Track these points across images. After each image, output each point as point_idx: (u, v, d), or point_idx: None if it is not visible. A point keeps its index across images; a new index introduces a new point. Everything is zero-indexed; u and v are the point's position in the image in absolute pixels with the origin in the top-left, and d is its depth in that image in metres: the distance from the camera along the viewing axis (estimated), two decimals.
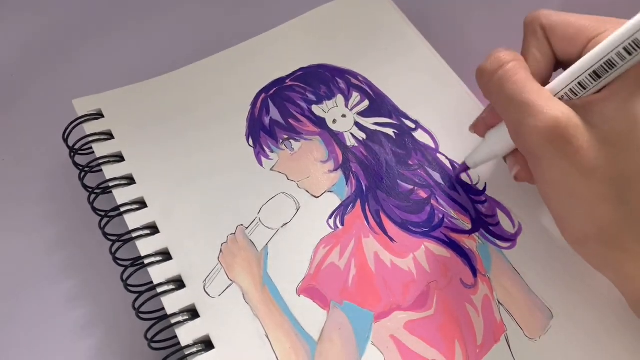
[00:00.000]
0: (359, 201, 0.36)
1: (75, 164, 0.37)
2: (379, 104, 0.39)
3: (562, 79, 0.28)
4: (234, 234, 0.34)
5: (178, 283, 0.33)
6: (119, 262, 0.34)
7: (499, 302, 0.32)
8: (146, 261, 0.33)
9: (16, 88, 0.44)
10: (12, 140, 0.42)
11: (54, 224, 0.39)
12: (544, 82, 0.29)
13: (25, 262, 0.37)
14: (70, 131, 0.38)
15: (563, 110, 0.26)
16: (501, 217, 0.35)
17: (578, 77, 0.27)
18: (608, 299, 0.32)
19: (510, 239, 0.34)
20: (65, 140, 0.38)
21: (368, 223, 0.35)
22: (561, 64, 0.30)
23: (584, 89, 0.27)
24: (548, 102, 0.26)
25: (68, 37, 0.47)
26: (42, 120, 0.43)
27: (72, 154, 0.37)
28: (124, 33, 0.47)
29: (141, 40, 0.46)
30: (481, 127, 0.33)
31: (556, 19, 0.29)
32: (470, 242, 0.34)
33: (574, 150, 0.26)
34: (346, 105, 0.39)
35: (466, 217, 0.35)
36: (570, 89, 0.27)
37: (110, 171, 0.36)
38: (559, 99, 0.27)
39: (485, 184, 0.36)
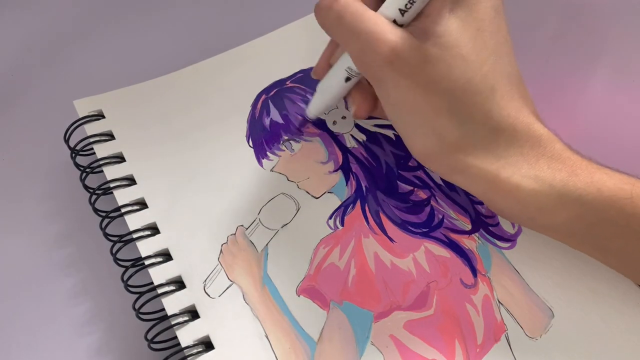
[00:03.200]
0: (358, 202, 0.36)
1: (77, 165, 0.37)
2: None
3: (388, 2, 0.29)
4: (234, 234, 0.35)
5: (178, 284, 0.33)
6: (119, 262, 0.34)
7: (499, 302, 0.32)
8: (147, 262, 0.33)
9: (17, 88, 0.44)
10: (12, 139, 0.42)
11: (54, 223, 0.39)
12: (376, 9, 0.30)
13: (26, 261, 0.37)
14: (72, 132, 0.38)
15: (399, 34, 0.28)
16: (501, 217, 0.35)
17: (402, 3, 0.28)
18: (609, 298, 0.32)
19: (510, 239, 0.34)
20: (67, 141, 0.38)
21: (368, 223, 0.35)
22: None
23: (411, 4, 0.28)
24: (385, 27, 0.28)
25: (68, 37, 0.47)
26: (43, 120, 0.43)
27: (73, 154, 0.37)
28: (125, 33, 0.47)
29: (142, 41, 0.46)
30: (322, 70, 0.35)
31: None
32: (470, 243, 0.34)
33: (411, 69, 0.28)
34: (346, 107, 0.39)
35: (466, 217, 0.35)
36: (399, 9, 0.28)
37: (111, 172, 0.37)
38: (394, 22, 0.29)
39: None
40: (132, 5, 0.48)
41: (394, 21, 0.29)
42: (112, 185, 0.36)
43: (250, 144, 0.38)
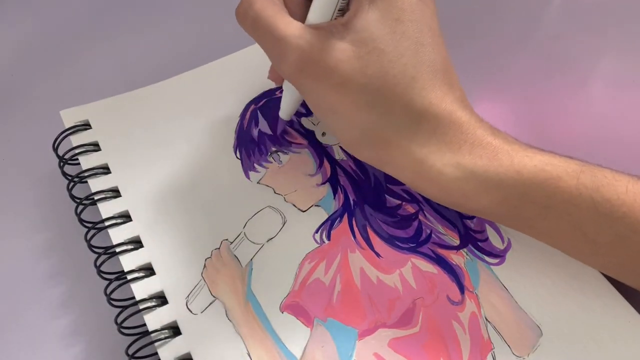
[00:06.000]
0: (346, 215, 0.35)
1: (64, 174, 0.37)
2: None
3: (310, 9, 0.29)
4: (219, 249, 0.34)
5: (161, 299, 0.33)
6: (103, 275, 0.34)
7: (486, 320, 0.32)
8: (129, 276, 0.33)
9: (9, 94, 0.44)
10: (4, 143, 0.42)
11: (42, 231, 0.38)
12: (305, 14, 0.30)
13: (11, 270, 0.37)
14: (60, 142, 0.38)
15: (309, 38, 0.28)
16: (490, 232, 0.34)
17: (317, 2, 0.28)
18: (599, 314, 0.31)
19: (499, 254, 0.34)
20: (55, 151, 0.38)
21: (355, 238, 0.34)
22: None
23: (326, 10, 0.28)
24: (294, 32, 0.28)
25: (60, 45, 0.47)
26: (34, 126, 0.43)
27: (62, 164, 0.37)
28: (115, 42, 0.47)
29: (131, 50, 0.46)
30: (273, 74, 0.36)
31: None
32: (458, 258, 0.34)
33: (322, 72, 0.28)
34: None
35: (454, 232, 0.34)
36: (317, 15, 0.29)
37: (96, 183, 0.36)
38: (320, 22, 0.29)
39: None
40: (121, 15, 0.48)
41: (315, 24, 0.29)
42: (96, 197, 0.36)
43: (238, 155, 0.38)
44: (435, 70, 0.29)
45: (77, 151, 0.37)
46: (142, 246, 0.34)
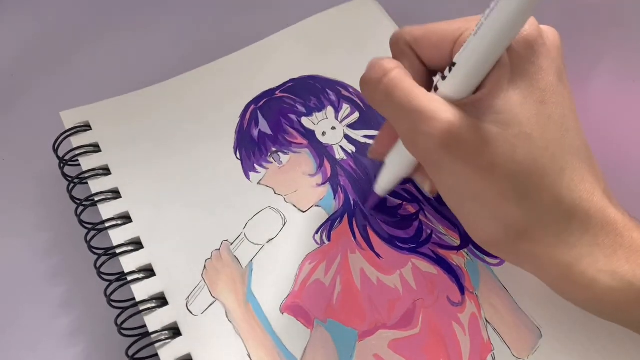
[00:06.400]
0: (346, 216, 0.35)
1: (64, 176, 0.37)
2: (369, 116, 0.39)
3: (443, 83, 0.26)
4: (219, 250, 0.34)
5: (161, 300, 0.33)
6: (103, 276, 0.34)
7: (486, 321, 0.32)
8: (129, 277, 0.33)
9: (9, 94, 0.44)
10: (4, 143, 0.42)
11: (43, 231, 0.38)
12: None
13: (13, 269, 0.37)
14: (60, 143, 0.38)
15: (455, 113, 0.25)
16: None
17: (458, 77, 0.26)
18: (598, 318, 0.31)
19: None
20: (56, 152, 0.38)
21: (355, 239, 0.34)
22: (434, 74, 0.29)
23: (467, 87, 0.26)
24: (438, 106, 0.25)
25: (60, 45, 0.47)
26: (34, 126, 0.42)
27: (62, 165, 0.37)
28: (114, 43, 0.46)
29: (131, 51, 0.46)
30: (379, 149, 0.32)
31: (418, 31, 0.28)
32: (459, 259, 0.34)
33: (470, 152, 0.25)
34: (336, 118, 0.39)
35: (455, 232, 0.34)
36: (454, 90, 0.26)
37: (96, 185, 0.36)
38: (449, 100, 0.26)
39: None
40: (121, 16, 0.48)
41: (449, 99, 0.26)
42: (97, 198, 0.36)
43: (238, 155, 0.38)
44: (581, 160, 0.26)
45: (77, 152, 0.37)
46: (142, 247, 0.34)
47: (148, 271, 0.34)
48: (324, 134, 0.38)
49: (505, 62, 0.25)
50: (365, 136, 0.38)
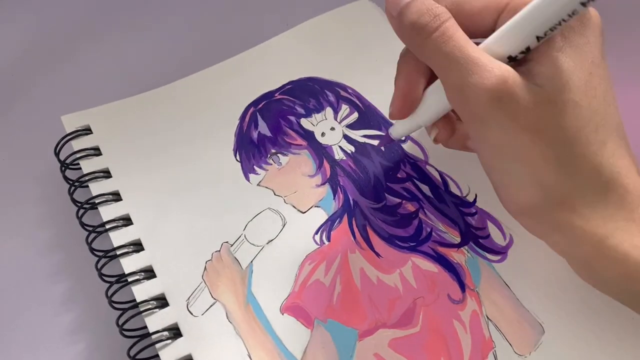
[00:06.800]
0: (345, 216, 0.35)
1: (66, 179, 0.37)
2: (368, 116, 0.39)
3: (493, 39, 0.26)
4: (219, 251, 0.34)
5: (161, 301, 0.33)
6: (104, 278, 0.34)
7: (487, 318, 0.32)
8: (130, 279, 0.33)
9: (9, 95, 0.45)
10: (6, 143, 0.43)
11: (44, 231, 0.39)
12: None
13: (14, 269, 0.37)
14: (61, 147, 0.38)
15: (509, 69, 0.25)
16: (492, 229, 0.34)
17: (517, 42, 0.26)
18: (602, 314, 0.31)
19: (501, 251, 0.34)
20: (57, 155, 0.38)
21: (354, 238, 0.34)
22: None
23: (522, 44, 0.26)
24: (492, 59, 0.25)
25: (60, 47, 0.47)
26: (35, 128, 0.43)
27: (63, 168, 0.37)
28: (115, 47, 0.47)
29: (131, 55, 0.46)
30: (399, 106, 0.31)
31: None
32: (459, 256, 0.33)
33: (521, 110, 0.25)
34: (335, 118, 0.39)
35: (455, 230, 0.34)
36: (508, 46, 0.26)
37: (97, 188, 0.36)
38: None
39: (476, 195, 0.35)
40: (122, 19, 0.48)
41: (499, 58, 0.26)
42: (97, 201, 0.36)
43: (238, 157, 0.38)
44: (621, 137, 0.26)
45: (78, 155, 0.38)
46: (142, 249, 0.34)
47: (149, 272, 0.34)
48: (323, 134, 0.38)
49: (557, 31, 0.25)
50: (365, 136, 0.38)
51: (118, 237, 0.35)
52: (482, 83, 0.24)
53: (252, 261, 0.34)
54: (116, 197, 0.36)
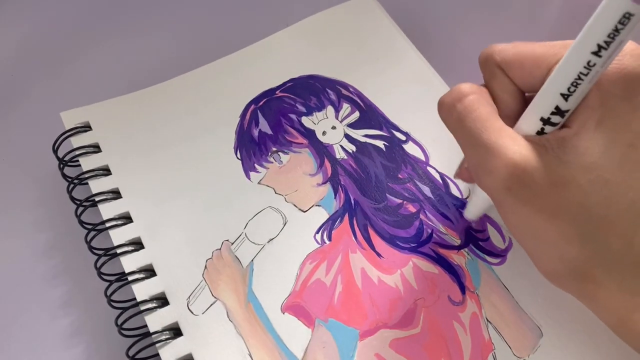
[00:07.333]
0: (347, 215, 0.35)
1: (64, 176, 0.37)
2: (369, 115, 0.39)
3: (528, 116, 0.25)
4: (220, 249, 0.34)
5: (162, 300, 0.33)
6: (103, 277, 0.33)
7: (487, 320, 0.32)
8: (130, 278, 0.33)
9: (9, 94, 0.44)
10: (5, 144, 0.42)
11: (43, 231, 0.38)
12: (518, 118, 0.27)
13: (13, 269, 0.37)
14: (60, 143, 0.38)
15: (522, 152, 0.24)
16: (491, 232, 0.34)
17: (545, 102, 0.25)
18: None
19: (501, 254, 0.34)
20: (55, 152, 0.37)
21: (355, 238, 0.34)
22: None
23: (553, 124, 0.25)
24: (507, 142, 0.24)
25: (60, 46, 0.46)
26: (34, 127, 0.42)
27: (62, 165, 0.37)
28: (115, 43, 0.46)
29: (132, 51, 0.46)
30: (465, 172, 0.32)
31: (509, 53, 0.26)
32: (459, 258, 0.34)
33: (533, 196, 0.24)
34: (336, 117, 0.39)
35: (455, 232, 0.34)
36: (540, 117, 0.25)
37: (97, 185, 0.36)
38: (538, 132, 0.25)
39: None
40: (122, 16, 0.48)
41: (538, 132, 0.25)
42: (97, 198, 0.35)
43: (238, 155, 0.38)
44: None
45: (77, 152, 0.37)
46: (142, 247, 0.34)
47: (149, 271, 0.33)
48: (324, 133, 0.38)
49: (596, 100, 0.24)
50: (366, 135, 0.38)
51: (118, 236, 0.34)
52: (492, 170, 0.24)
53: (252, 260, 0.34)
54: (116, 195, 0.36)
